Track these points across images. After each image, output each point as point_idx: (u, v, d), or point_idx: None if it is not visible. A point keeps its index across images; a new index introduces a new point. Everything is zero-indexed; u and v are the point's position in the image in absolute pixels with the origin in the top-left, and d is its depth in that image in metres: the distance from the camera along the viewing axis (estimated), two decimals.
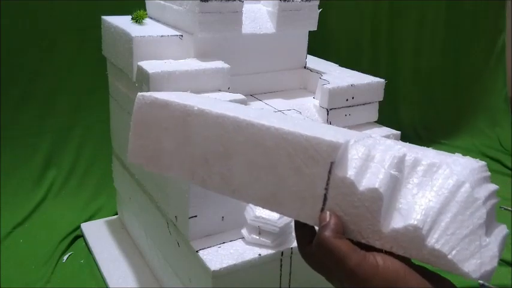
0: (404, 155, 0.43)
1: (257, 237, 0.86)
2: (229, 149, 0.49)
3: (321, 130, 0.45)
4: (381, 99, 1.05)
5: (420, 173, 0.42)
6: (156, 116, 0.54)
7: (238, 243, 0.87)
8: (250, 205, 0.89)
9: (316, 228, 0.44)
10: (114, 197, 1.37)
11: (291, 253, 0.88)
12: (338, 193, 0.43)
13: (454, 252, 0.39)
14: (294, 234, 0.90)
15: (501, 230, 0.42)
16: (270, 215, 0.85)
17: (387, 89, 1.05)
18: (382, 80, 1.05)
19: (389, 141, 0.45)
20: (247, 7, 1.01)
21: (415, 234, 0.40)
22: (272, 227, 0.85)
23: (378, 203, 0.41)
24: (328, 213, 0.43)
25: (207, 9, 0.93)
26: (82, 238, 1.32)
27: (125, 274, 1.16)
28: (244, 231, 0.88)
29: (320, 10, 1.07)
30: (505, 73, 2.23)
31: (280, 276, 0.89)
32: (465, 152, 0.39)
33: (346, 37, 1.86)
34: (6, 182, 1.43)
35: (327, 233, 0.41)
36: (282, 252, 0.87)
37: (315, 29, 1.09)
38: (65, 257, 1.25)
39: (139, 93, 0.55)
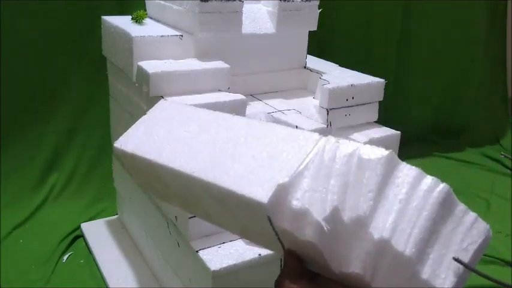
0: (337, 207, 0.42)
1: None
2: (194, 194, 0.51)
3: (256, 174, 0.45)
4: (381, 99, 1.05)
5: (359, 209, 0.41)
6: (135, 163, 0.58)
7: (238, 243, 0.87)
8: None
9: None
10: (114, 200, 1.37)
11: None
12: (286, 239, 0.43)
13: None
14: None
15: (472, 245, 0.42)
16: None
17: (386, 88, 1.06)
18: (382, 80, 1.05)
19: (328, 172, 0.43)
20: (247, 7, 1.02)
21: (360, 279, 0.40)
22: None
23: (319, 252, 0.41)
24: (286, 253, 0.44)
25: (207, 9, 0.93)
26: (82, 238, 1.32)
27: (125, 274, 1.16)
28: None
29: (320, 10, 1.07)
30: (505, 73, 2.23)
31: None
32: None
33: (346, 37, 1.86)
34: (8, 183, 1.43)
35: (281, 278, 0.43)
36: None
37: (315, 29, 1.09)
38: (65, 257, 1.25)
39: (114, 144, 0.61)
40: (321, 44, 1.48)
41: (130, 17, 1.08)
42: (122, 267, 1.18)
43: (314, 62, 1.18)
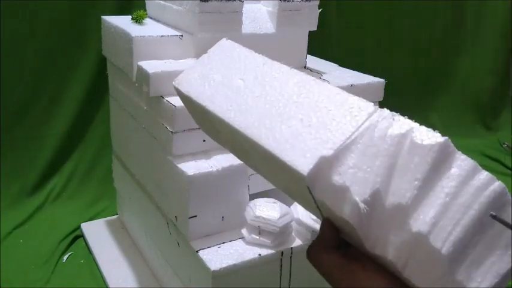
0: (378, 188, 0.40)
1: (257, 237, 0.86)
2: (242, 148, 0.52)
3: (302, 141, 0.43)
4: (381, 99, 1.05)
5: (402, 195, 0.39)
6: (189, 102, 0.60)
7: (238, 243, 0.87)
8: (250, 205, 0.89)
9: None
10: (114, 200, 1.37)
11: (291, 253, 0.88)
12: (324, 209, 0.42)
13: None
14: (294, 234, 0.91)
15: (506, 261, 0.39)
16: (270, 215, 0.85)
17: (386, 88, 1.06)
18: (382, 80, 1.05)
19: (375, 151, 0.41)
20: (247, 7, 1.01)
21: (392, 266, 0.40)
22: (272, 227, 0.85)
23: (354, 230, 0.40)
24: (323, 222, 0.43)
25: (207, 9, 0.93)
26: (82, 238, 1.32)
27: (125, 274, 1.16)
28: (244, 231, 0.88)
29: (320, 10, 1.07)
30: (505, 73, 2.23)
31: (280, 276, 0.89)
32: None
33: (346, 37, 1.86)
34: (8, 184, 1.43)
35: (315, 247, 0.42)
36: (282, 252, 0.87)
37: (315, 29, 1.09)
38: (65, 257, 1.25)
39: (173, 82, 0.61)
40: (321, 44, 1.48)
41: (130, 17, 1.08)
42: (122, 267, 1.18)
43: (314, 62, 1.18)
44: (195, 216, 0.86)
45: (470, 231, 0.37)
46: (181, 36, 0.99)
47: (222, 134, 0.56)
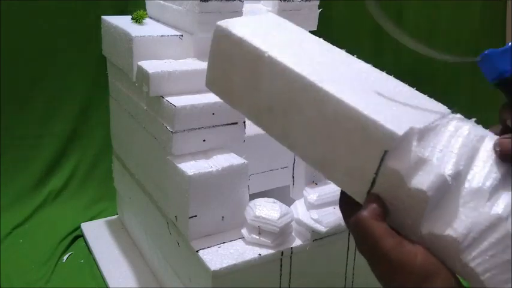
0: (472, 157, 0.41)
1: (257, 237, 0.86)
2: (292, 105, 0.47)
3: (389, 110, 0.43)
4: None
5: (482, 182, 0.40)
6: (230, 51, 0.52)
7: (238, 243, 0.87)
8: (250, 205, 0.89)
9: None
10: (115, 200, 1.37)
11: (291, 253, 0.88)
12: (386, 181, 0.41)
13: (487, 275, 0.38)
14: (294, 234, 0.91)
15: None
16: (270, 215, 0.85)
17: None
18: None
19: (459, 141, 0.42)
20: (247, 7, 1.01)
21: (451, 246, 0.38)
22: (272, 227, 0.85)
23: (422, 204, 0.39)
24: (373, 196, 0.41)
25: (207, 9, 0.93)
26: (82, 238, 1.32)
27: (125, 274, 1.16)
28: (244, 231, 0.88)
29: (320, 10, 1.07)
30: None
31: (280, 276, 0.89)
32: None
33: (346, 37, 1.86)
34: (8, 184, 1.43)
35: (365, 213, 0.40)
36: (282, 252, 0.87)
37: (315, 29, 1.09)
38: (65, 257, 1.25)
39: (218, 22, 0.53)
40: None
41: (130, 17, 1.08)
42: (122, 267, 1.18)
43: None
44: (195, 216, 0.86)
45: None
46: (181, 36, 0.99)
47: (262, 90, 0.50)
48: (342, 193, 0.45)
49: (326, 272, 0.96)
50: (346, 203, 0.44)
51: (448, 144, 0.42)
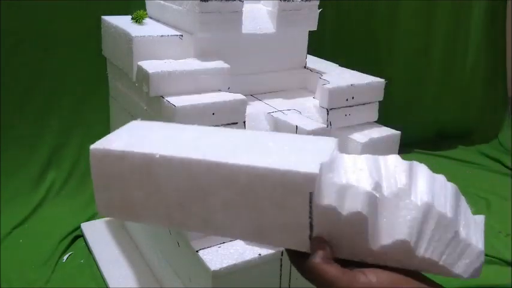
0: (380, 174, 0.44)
1: None
2: (203, 192, 0.46)
3: (295, 158, 0.44)
4: (381, 99, 1.05)
5: (398, 182, 0.43)
6: (116, 168, 0.49)
7: (238, 243, 0.87)
8: None
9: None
10: None
11: None
12: (323, 220, 0.43)
13: (443, 257, 0.41)
14: None
15: (479, 223, 0.44)
16: None
17: (386, 88, 1.06)
18: (382, 80, 1.05)
19: (361, 158, 0.46)
20: (247, 7, 1.01)
21: (404, 248, 0.41)
22: None
23: (363, 224, 0.42)
24: (316, 240, 0.43)
25: (207, 9, 0.93)
26: (82, 238, 1.32)
27: (125, 274, 1.16)
28: None
29: (320, 10, 1.07)
30: (505, 73, 2.23)
31: (280, 276, 0.89)
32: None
33: (346, 37, 1.86)
34: (7, 182, 1.43)
35: (315, 260, 0.42)
36: (282, 252, 0.87)
37: (315, 29, 1.09)
38: (65, 257, 1.25)
39: (92, 147, 0.51)
40: (321, 44, 1.48)
41: (130, 17, 1.08)
42: (122, 267, 1.18)
43: (314, 62, 1.18)
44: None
45: (454, 199, 0.43)
46: (181, 36, 0.99)
47: (161, 191, 0.48)
48: (288, 251, 0.46)
49: None
50: (295, 257, 0.46)
51: (355, 164, 0.45)
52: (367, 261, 0.42)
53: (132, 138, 0.51)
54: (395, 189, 0.43)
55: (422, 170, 0.45)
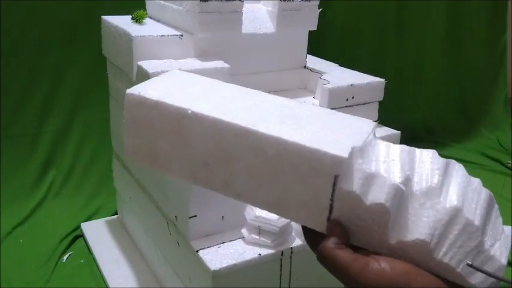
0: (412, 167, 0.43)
1: (257, 237, 0.86)
2: (229, 155, 0.46)
3: (326, 137, 0.44)
4: (381, 99, 1.05)
5: (429, 180, 0.42)
6: (148, 116, 0.49)
7: (238, 243, 0.87)
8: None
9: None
10: (113, 196, 1.37)
11: (291, 253, 0.88)
12: (344, 205, 0.42)
13: (462, 265, 0.39)
14: (294, 234, 0.91)
15: (508, 235, 0.43)
16: (270, 215, 0.85)
17: (386, 88, 1.06)
18: (382, 80, 1.05)
19: (396, 148, 0.44)
20: (247, 7, 1.01)
21: (422, 248, 0.40)
22: (272, 226, 0.85)
23: (384, 217, 0.40)
24: (333, 223, 0.42)
25: (207, 9, 0.93)
26: (82, 238, 1.32)
27: (125, 274, 1.16)
28: (244, 231, 0.88)
29: (320, 10, 1.07)
30: (505, 74, 2.23)
31: (280, 276, 0.89)
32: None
33: (346, 37, 1.86)
34: (6, 182, 1.43)
35: (328, 244, 0.41)
36: (282, 252, 0.87)
37: (315, 29, 1.09)
38: (65, 257, 1.25)
39: (128, 91, 0.51)
40: (321, 44, 1.48)
41: (130, 17, 1.08)
42: (122, 267, 1.18)
43: (314, 62, 1.18)
44: (195, 216, 0.86)
45: (486, 208, 0.42)
46: (181, 36, 0.99)
47: (191, 147, 0.48)
48: (304, 227, 0.46)
49: (326, 271, 0.96)
50: (310, 235, 0.45)
51: (387, 154, 0.43)
52: (382, 253, 0.41)
53: (168, 88, 0.51)
54: (426, 186, 0.41)
55: (458, 171, 0.43)
